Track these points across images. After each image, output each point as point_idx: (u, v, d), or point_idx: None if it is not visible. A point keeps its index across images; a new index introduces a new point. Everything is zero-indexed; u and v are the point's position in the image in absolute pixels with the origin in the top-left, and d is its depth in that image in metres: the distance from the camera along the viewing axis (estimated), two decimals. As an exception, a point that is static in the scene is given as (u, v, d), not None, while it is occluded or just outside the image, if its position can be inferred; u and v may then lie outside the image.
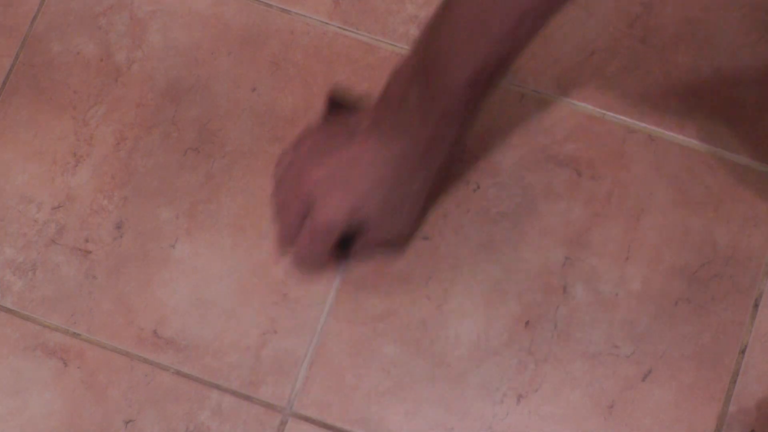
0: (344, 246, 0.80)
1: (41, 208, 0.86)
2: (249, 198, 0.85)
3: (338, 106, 0.84)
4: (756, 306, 0.83)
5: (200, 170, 0.86)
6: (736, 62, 0.87)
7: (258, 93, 0.88)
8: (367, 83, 0.88)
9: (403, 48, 0.88)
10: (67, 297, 0.84)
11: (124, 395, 0.82)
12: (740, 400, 0.81)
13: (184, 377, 0.82)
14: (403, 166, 0.76)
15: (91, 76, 0.88)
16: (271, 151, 0.86)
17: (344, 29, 0.89)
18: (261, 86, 0.88)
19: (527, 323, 0.83)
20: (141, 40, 0.89)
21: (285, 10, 0.89)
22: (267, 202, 0.85)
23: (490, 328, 0.83)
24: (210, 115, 0.87)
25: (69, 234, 0.85)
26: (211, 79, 0.88)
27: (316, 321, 0.83)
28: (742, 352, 0.82)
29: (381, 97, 0.77)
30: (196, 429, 0.81)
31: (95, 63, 0.88)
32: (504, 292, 0.83)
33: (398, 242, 0.82)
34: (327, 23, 0.89)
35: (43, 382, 0.82)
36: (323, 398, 0.82)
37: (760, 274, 0.83)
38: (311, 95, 0.87)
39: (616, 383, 0.81)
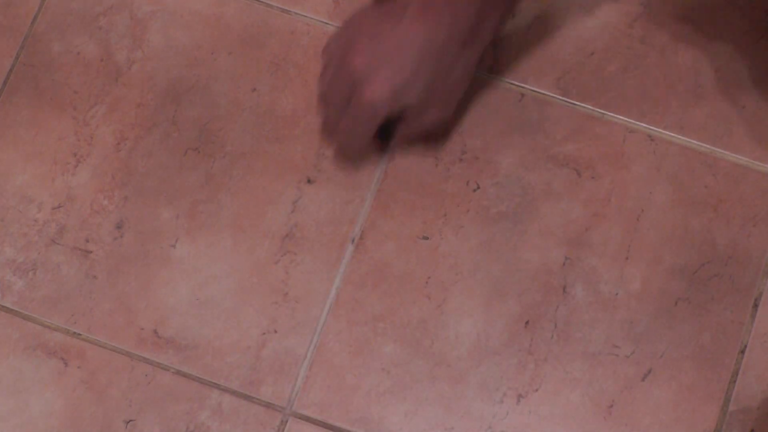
0: (385, 137, 0.82)
1: (41, 208, 0.86)
2: (249, 198, 0.86)
3: None
4: (756, 306, 0.83)
5: (200, 170, 0.86)
6: (736, 62, 0.87)
7: (258, 93, 0.88)
8: (367, 83, 0.88)
9: (403, 48, 0.88)
10: (67, 297, 0.84)
11: (124, 395, 0.82)
12: (740, 400, 0.81)
13: (184, 377, 0.82)
14: (448, 51, 0.78)
15: (91, 77, 0.88)
16: (271, 151, 0.86)
17: (344, 29, 0.89)
18: (261, 86, 0.88)
19: (527, 323, 0.83)
20: (141, 40, 0.89)
21: (285, 10, 0.89)
22: (267, 202, 0.85)
23: (490, 328, 0.83)
24: (210, 115, 0.87)
25: (69, 234, 0.85)
26: (211, 79, 0.88)
27: (316, 321, 0.83)
28: (742, 352, 0.82)
29: None
30: (196, 429, 0.81)
31: (95, 63, 0.89)
32: (504, 292, 0.83)
33: (437, 127, 0.84)
34: (327, 23, 0.89)
35: (43, 382, 0.82)
36: (323, 398, 0.82)
37: (760, 274, 0.83)
38: (311, 95, 0.87)
39: (616, 383, 0.81)
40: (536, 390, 0.82)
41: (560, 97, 0.87)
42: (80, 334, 0.83)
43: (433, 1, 0.77)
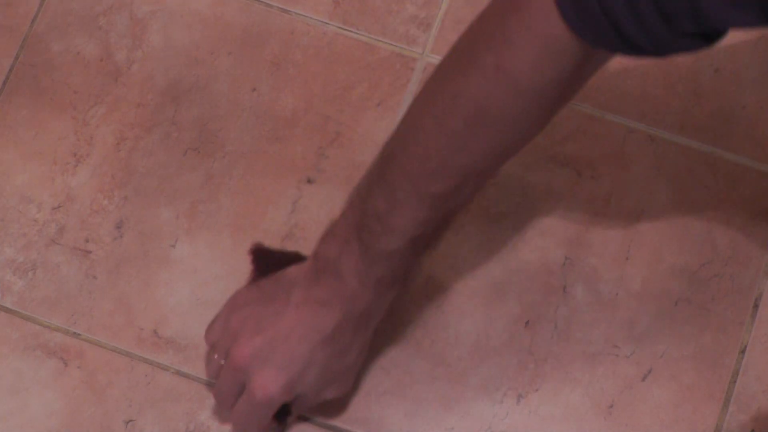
0: (282, 413, 0.76)
1: (41, 208, 0.86)
2: (249, 198, 0.85)
3: (266, 260, 0.80)
4: (756, 306, 0.83)
5: (200, 170, 0.86)
6: (736, 62, 0.87)
7: (258, 93, 0.88)
8: (367, 83, 0.88)
9: (403, 48, 0.88)
10: (67, 297, 0.84)
11: (124, 395, 0.82)
12: (740, 400, 0.81)
13: (184, 377, 0.82)
14: (339, 336, 0.73)
15: (91, 76, 0.88)
16: (271, 151, 0.86)
17: (344, 29, 0.89)
18: (261, 86, 0.88)
19: (527, 323, 0.83)
20: (141, 40, 0.89)
21: (285, 10, 0.89)
22: (267, 202, 0.85)
23: (490, 328, 0.83)
24: (210, 115, 0.87)
25: (69, 234, 0.85)
26: (211, 79, 0.88)
27: (316, 321, 0.83)
28: (742, 352, 0.82)
29: (314, 258, 0.74)
30: (196, 429, 0.81)
31: (95, 63, 0.88)
32: (504, 292, 0.83)
33: (337, 397, 0.78)
34: (327, 23, 0.89)
35: (43, 382, 0.82)
36: (323, 398, 0.82)
37: (760, 274, 0.83)
38: (311, 95, 0.87)
39: (616, 383, 0.81)
40: (536, 390, 0.82)
41: (560, 97, 0.86)
42: (80, 334, 0.83)
43: (318, 284, 0.73)
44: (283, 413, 0.76)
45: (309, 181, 0.86)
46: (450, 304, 0.83)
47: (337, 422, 0.81)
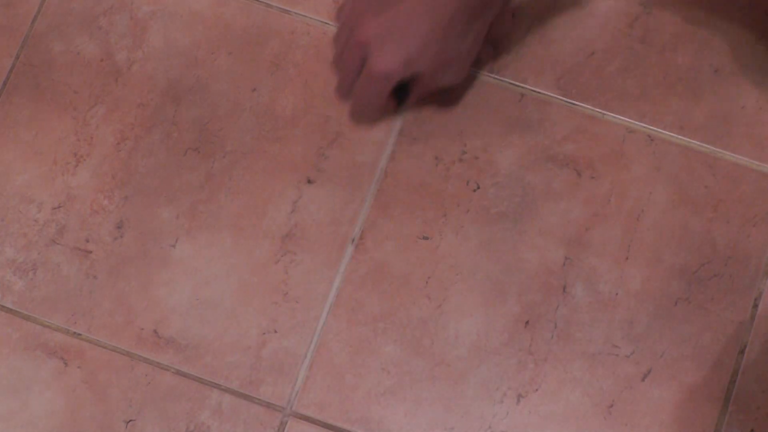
0: (401, 95, 0.83)
1: (42, 208, 0.86)
2: (249, 198, 0.85)
3: None
4: (756, 306, 0.83)
5: (200, 170, 0.86)
6: (736, 62, 0.87)
7: (258, 93, 0.88)
8: (367, 83, 0.88)
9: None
10: (67, 297, 0.84)
11: (124, 395, 0.82)
12: (740, 400, 0.81)
13: (184, 377, 0.82)
14: (458, 19, 0.78)
15: (91, 76, 0.88)
16: (271, 151, 0.86)
17: (344, 29, 0.89)
18: (261, 86, 0.88)
19: (527, 323, 0.83)
20: (141, 40, 0.89)
21: (285, 10, 0.89)
22: (267, 202, 0.85)
23: (490, 328, 0.83)
24: (210, 115, 0.87)
25: (69, 234, 0.85)
26: (211, 79, 0.88)
27: (316, 321, 0.83)
28: (742, 352, 0.82)
29: None
30: (197, 429, 0.81)
31: (95, 63, 0.89)
32: (504, 292, 0.83)
33: (452, 85, 0.84)
34: (327, 23, 0.89)
35: (43, 381, 0.82)
36: (323, 398, 0.82)
37: (760, 274, 0.83)
38: (311, 95, 0.87)
39: (616, 383, 0.81)
40: (536, 390, 0.82)
41: (560, 97, 0.87)
42: (80, 334, 0.83)
43: None
44: (402, 93, 0.82)
45: (309, 181, 0.86)
46: (450, 304, 0.83)
47: (337, 422, 0.81)
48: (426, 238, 0.84)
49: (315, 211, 0.85)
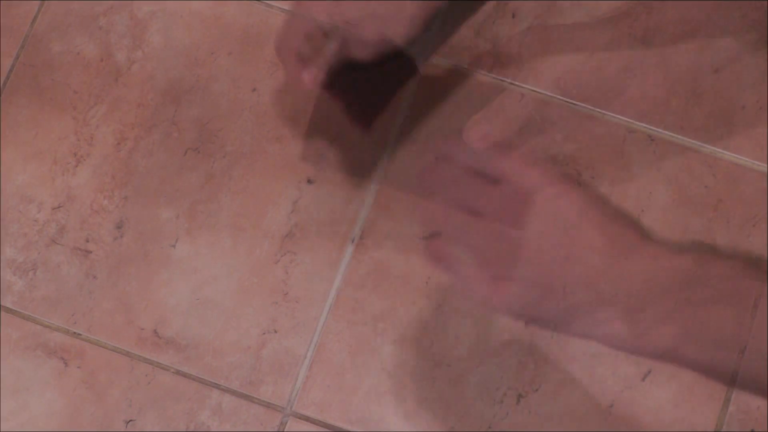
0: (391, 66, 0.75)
1: (42, 208, 0.86)
2: (249, 198, 0.85)
3: None
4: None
5: (200, 170, 0.86)
6: (736, 62, 0.87)
7: (258, 93, 0.88)
8: (367, 83, 0.88)
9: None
10: (67, 297, 0.84)
11: (124, 395, 0.82)
12: (740, 400, 0.81)
13: (184, 377, 0.82)
14: None
15: (91, 76, 0.88)
16: (271, 151, 0.86)
17: (344, 29, 0.89)
18: (261, 86, 0.88)
19: (527, 323, 0.83)
20: (141, 40, 0.89)
21: (285, 11, 0.89)
22: (267, 202, 0.85)
23: (490, 328, 0.83)
24: (210, 115, 0.87)
25: (69, 234, 0.85)
26: (211, 79, 0.88)
27: (316, 321, 0.83)
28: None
29: None
30: (197, 428, 0.81)
31: (95, 63, 0.89)
32: (504, 292, 0.83)
33: (392, 49, 0.74)
34: (327, 23, 0.89)
35: (43, 381, 0.82)
36: (323, 398, 0.82)
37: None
38: (311, 95, 0.87)
39: (616, 383, 0.81)
40: (536, 390, 0.82)
41: (560, 97, 0.86)
42: (80, 334, 0.83)
43: None
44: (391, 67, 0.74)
45: (309, 181, 0.86)
46: (450, 304, 0.83)
47: (337, 422, 0.81)
48: (426, 238, 0.84)
49: (315, 211, 0.85)
